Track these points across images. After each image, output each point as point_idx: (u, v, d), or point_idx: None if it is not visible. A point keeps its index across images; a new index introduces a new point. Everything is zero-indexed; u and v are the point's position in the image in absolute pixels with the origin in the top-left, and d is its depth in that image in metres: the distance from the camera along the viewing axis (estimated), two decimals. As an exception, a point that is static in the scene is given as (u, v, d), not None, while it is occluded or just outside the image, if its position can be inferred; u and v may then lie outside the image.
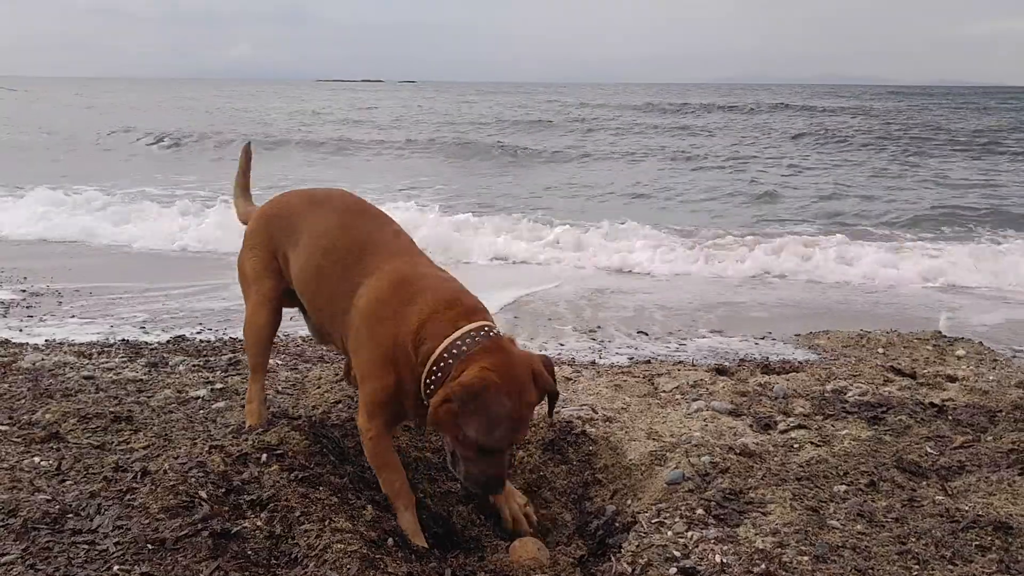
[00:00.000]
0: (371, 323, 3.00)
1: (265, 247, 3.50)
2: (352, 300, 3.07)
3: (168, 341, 5.67)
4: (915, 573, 2.53)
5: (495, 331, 2.88)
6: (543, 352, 5.86)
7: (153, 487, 2.74)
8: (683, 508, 2.98)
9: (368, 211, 3.42)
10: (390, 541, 2.88)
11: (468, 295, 3.03)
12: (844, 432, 3.76)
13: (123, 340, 5.61)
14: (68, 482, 2.83)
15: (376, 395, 3.00)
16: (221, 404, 4.09)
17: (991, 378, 4.82)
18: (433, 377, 2.81)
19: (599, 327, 7.02)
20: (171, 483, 2.77)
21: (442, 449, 3.19)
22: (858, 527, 2.83)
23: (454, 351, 2.78)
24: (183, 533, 2.52)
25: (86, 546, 2.44)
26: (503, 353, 2.79)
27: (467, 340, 2.80)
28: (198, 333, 6.09)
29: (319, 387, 4.36)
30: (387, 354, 2.95)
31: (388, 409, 3.04)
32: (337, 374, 4.50)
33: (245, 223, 3.73)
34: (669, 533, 2.82)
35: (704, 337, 6.75)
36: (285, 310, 3.62)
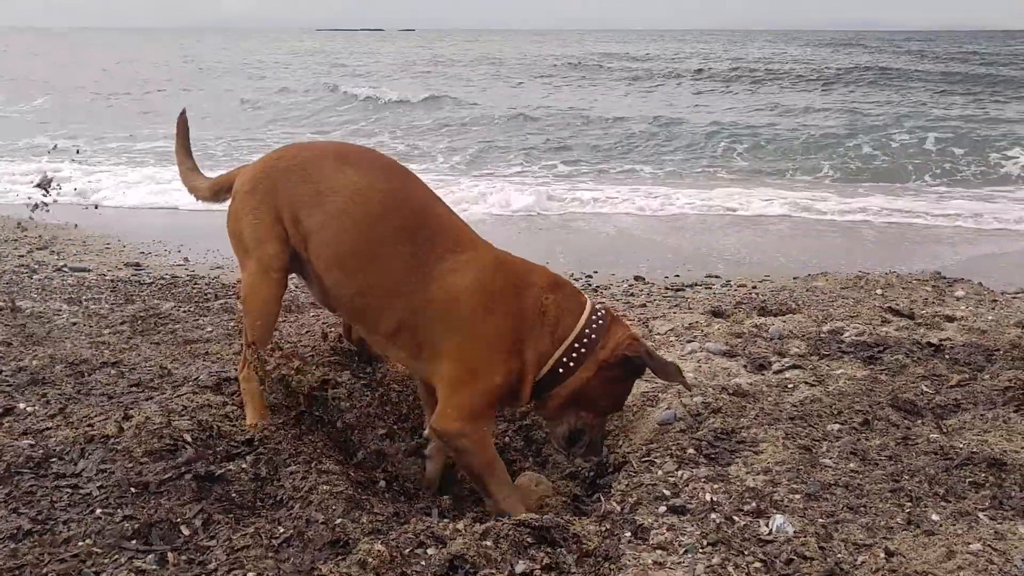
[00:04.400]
0: (483, 313, 2.74)
1: (270, 205, 2.96)
2: (426, 284, 2.76)
3: (159, 288, 5.62)
4: (908, 510, 2.51)
5: (602, 307, 2.97)
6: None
7: (137, 431, 2.71)
8: (674, 448, 2.95)
9: (411, 176, 3.02)
10: (381, 483, 2.87)
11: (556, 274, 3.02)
12: (839, 372, 3.71)
13: (114, 287, 5.55)
14: (52, 427, 2.79)
15: (490, 394, 2.75)
16: (214, 348, 4.06)
17: (990, 318, 4.75)
18: (575, 354, 2.81)
19: (595, 271, 6.98)
20: (155, 427, 2.75)
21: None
22: (851, 465, 2.80)
23: (594, 325, 2.84)
24: (167, 476, 2.50)
25: (69, 490, 2.43)
26: (623, 325, 2.94)
27: (597, 315, 2.88)
28: (189, 279, 6.04)
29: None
30: (508, 344, 2.76)
31: (496, 407, 2.87)
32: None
33: (204, 198, 3.36)
34: (659, 472, 2.80)
35: (702, 282, 6.70)
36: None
